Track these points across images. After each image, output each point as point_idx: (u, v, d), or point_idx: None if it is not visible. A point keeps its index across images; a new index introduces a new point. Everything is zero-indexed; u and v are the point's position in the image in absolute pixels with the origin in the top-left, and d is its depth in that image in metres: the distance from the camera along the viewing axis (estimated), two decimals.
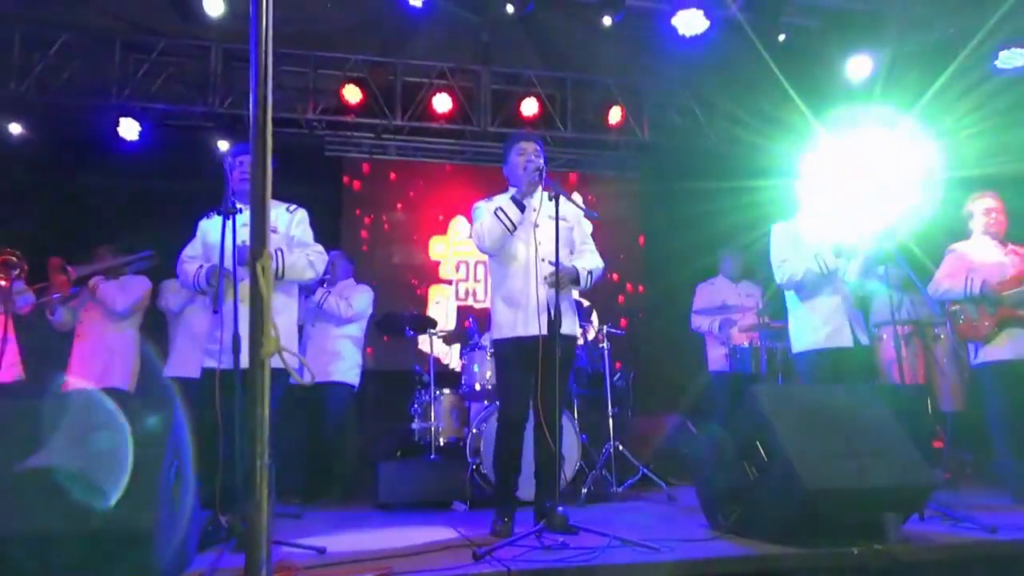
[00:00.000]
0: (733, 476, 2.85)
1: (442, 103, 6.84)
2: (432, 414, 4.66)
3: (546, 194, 3.39)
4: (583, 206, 3.39)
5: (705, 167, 7.73)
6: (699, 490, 3.16)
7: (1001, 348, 4.04)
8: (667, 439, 5.37)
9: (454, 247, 7.20)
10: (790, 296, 4.02)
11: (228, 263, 3.00)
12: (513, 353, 3.41)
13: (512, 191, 3.53)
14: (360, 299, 4.96)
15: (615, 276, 7.45)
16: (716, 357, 5.64)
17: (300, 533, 3.23)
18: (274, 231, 3.36)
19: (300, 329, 5.02)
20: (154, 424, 2.31)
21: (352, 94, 6.68)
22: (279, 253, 3.30)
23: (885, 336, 5.68)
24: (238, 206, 3.04)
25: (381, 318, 5.18)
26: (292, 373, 2.20)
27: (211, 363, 3.14)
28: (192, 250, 3.52)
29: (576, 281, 3.52)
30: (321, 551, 2.72)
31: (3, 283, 4.30)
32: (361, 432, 5.72)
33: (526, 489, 3.43)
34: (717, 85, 7.38)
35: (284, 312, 3.39)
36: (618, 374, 5.12)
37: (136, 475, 2.18)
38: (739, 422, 2.88)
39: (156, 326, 5.06)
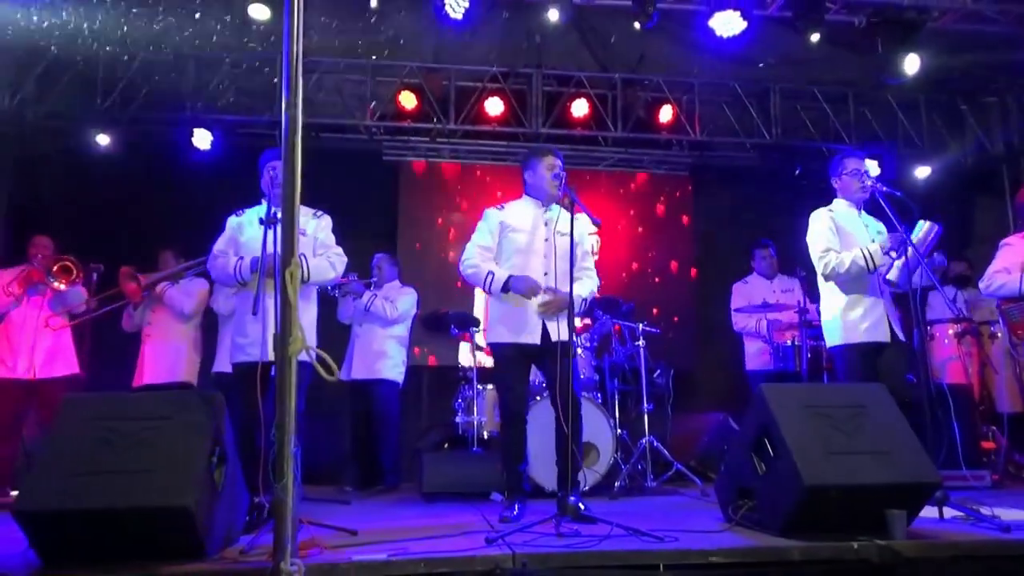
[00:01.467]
0: (744, 471, 2.95)
1: (494, 106, 7.04)
2: (475, 409, 4.87)
3: (559, 208, 3.59)
4: (589, 215, 3.55)
5: (758, 163, 7.71)
6: (717, 484, 3.26)
7: None
8: (708, 436, 5.42)
9: None
10: (829, 287, 3.92)
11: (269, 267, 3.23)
12: (510, 354, 3.63)
13: (524, 199, 3.71)
14: (404, 301, 5.23)
15: (673, 264, 7.49)
16: (753, 354, 5.66)
17: (343, 517, 3.48)
18: (302, 234, 3.60)
19: (348, 329, 5.33)
20: (198, 414, 2.58)
21: (408, 100, 6.95)
22: (303, 259, 3.52)
23: (938, 334, 5.59)
24: (278, 215, 3.28)
25: (427, 316, 5.43)
26: (317, 367, 2.47)
27: (242, 357, 3.41)
28: (222, 245, 3.70)
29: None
30: (353, 532, 2.95)
31: (62, 286, 4.74)
32: (411, 426, 5.99)
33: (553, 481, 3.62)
34: (769, 79, 7.35)
35: (306, 312, 3.58)
36: (658, 371, 5.21)
37: (181, 460, 2.46)
38: (750, 420, 2.97)
39: (209, 325, 5.43)
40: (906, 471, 2.69)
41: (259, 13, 5.51)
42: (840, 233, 3.84)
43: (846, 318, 3.80)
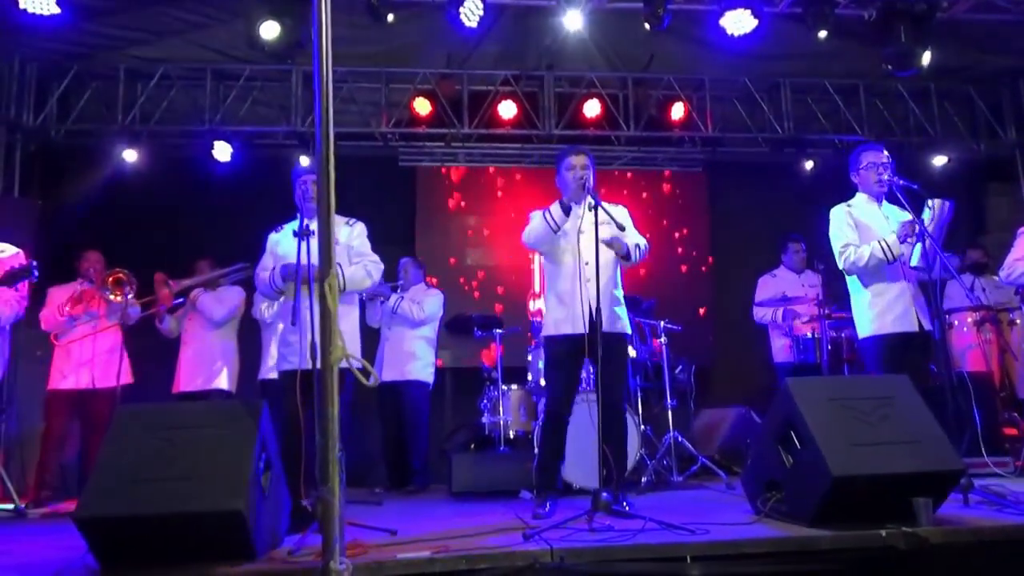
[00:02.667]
0: (772, 464, 3.03)
1: (507, 110, 7.13)
2: (501, 409, 4.97)
3: (596, 206, 3.64)
4: (624, 218, 3.64)
5: (771, 158, 7.76)
6: (744, 478, 3.34)
7: None
8: (731, 430, 5.49)
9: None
10: (853, 282, 4.00)
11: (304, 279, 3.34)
12: (561, 350, 3.69)
13: (561, 199, 3.79)
14: (431, 302, 5.33)
15: (690, 261, 7.56)
16: (779, 348, 5.72)
17: (378, 517, 3.58)
18: (336, 242, 3.69)
19: (377, 333, 5.44)
20: (244, 422, 2.69)
21: (422, 106, 7.06)
22: (339, 267, 3.62)
23: (957, 322, 5.63)
24: (311, 228, 3.38)
25: (451, 319, 5.53)
26: (357, 374, 2.56)
27: (285, 366, 3.53)
28: (265, 262, 3.82)
29: (627, 256, 3.72)
30: (393, 532, 3.05)
31: (118, 299, 4.87)
32: (437, 427, 6.09)
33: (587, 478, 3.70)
34: (780, 74, 7.40)
35: (346, 318, 3.66)
36: (680, 366, 5.28)
37: (231, 466, 2.56)
38: (775, 413, 3.04)
39: (251, 333, 5.55)
40: (931, 460, 2.76)
41: (268, 32, 5.57)
42: (859, 227, 3.91)
43: (873, 310, 3.86)
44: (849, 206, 4.03)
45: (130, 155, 6.77)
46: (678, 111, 7.26)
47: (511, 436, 5.00)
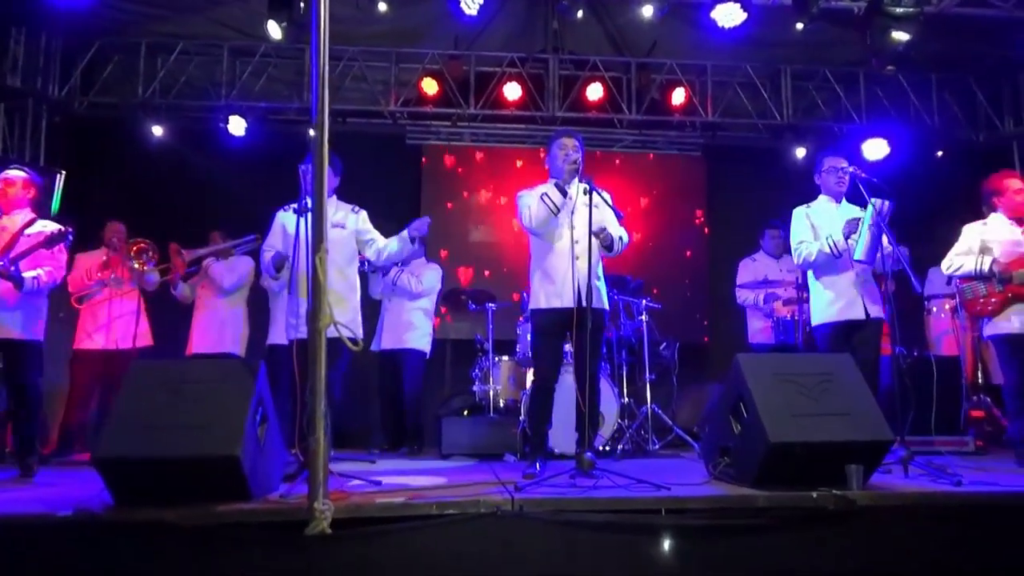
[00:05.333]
0: (724, 432, 3.31)
1: (512, 91, 7.33)
2: (491, 378, 5.28)
3: (582, 186, 3.90)
4: (610, 202, 3.90)
5: (770, 144, 7.93)
6: (702, 445, 3.63)
7: (1009, 322, 4.23)
8: (710, 404, 5.76)
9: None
10: (810, 275, 4.39)
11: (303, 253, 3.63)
12: (548, 322, 3.96)
13: (553, 181, 4.04)
14: (429, 276, 5.64)
15: (686, 243, 7.79)
16: (756, 330, 5.97)
17: (371, 474, 3.88)
18: (342, 227, 4.02)
19: (379, 304, 5.75)
20: (244, 379, 3.00)
21: (429, 86, 7.28)
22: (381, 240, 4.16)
23: (935, 308, 5.84)
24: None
25: (447, 292, 5.83)
26: (346, 342, 2.85)
27: (294, 335, 3.81)
28: (272, 240, 4.15)
29: (610, 247, 3.98)
30: (377, 483, 3.37)
31: (140, 266, 5.21)
32: (436, 395, 6.43)
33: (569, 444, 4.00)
34: (781, 61, 7.55)
35: (354, 291, 4.08)
36: (664, 343, 5.55)
37: (230, 417, 2.87)
38: (728, 387, 3.32)
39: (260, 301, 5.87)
40: (863, 430, 3.02)
41: (273, 32, 5.80)
42: (814, 227, 4.28)
43: (823, 300, 4.24)
44: (808, 207, 4.41)
45: (157, 130, 7.04)
46: (679, 96, 7.43)
47: (501, 404, 5.30)
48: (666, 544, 2.77)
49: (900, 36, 5.19)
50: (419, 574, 2.69)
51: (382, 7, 5.88)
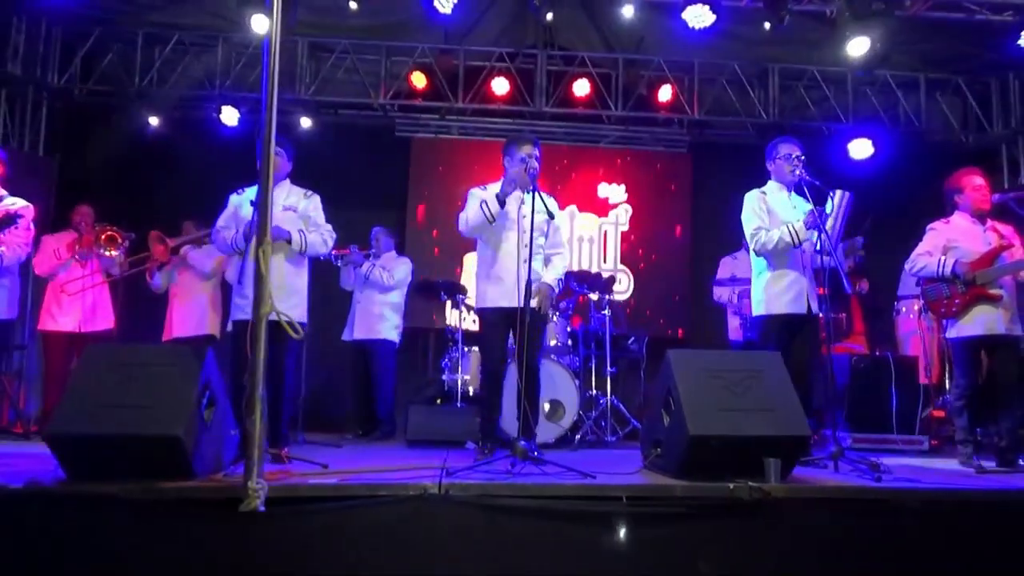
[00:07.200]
0: (657, 425, 3.42)
1: (500, 86, 7.44)
2: (460, 368, 5.42)
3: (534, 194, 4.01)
4: (555, 208, 4.07)
5: (757, 142, 7.96)
6: (641, 436, 3.74)
7: (971, 325, 4.21)
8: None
9: None
10: (758, 263, 4.30)
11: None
12: (494, 318, 4.12)
13: (495, 191, 4.16)
14: (400, 270, 5.81)
15: (671, 239, 7.87)
16: (735, 327, 6.05)
17: (331, 457, 4.00)
18: (293, 210, 4.12)
19: (351, 295, 5.90)
20: (192, 364, 3.15)
21: (418, 79, 7.40)
22: (303, 234, 4.06)
23: (904, 309, 5.90)
24: None
25: (419, 284, 5.98)
26: (287, 328, 2.99)
27: (240, 315, 3.95)
28: (224, 221, 4.20)
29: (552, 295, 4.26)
30: (324, 466, 3.52)
31: (112, 254, 5.40)
32: (412, 383, 6.60)
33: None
34: (768, 60, 7.59)
35: (298, 277, 4.13)
36: (632, 338, 5.66)
37: (176, 399, 3.03)
38: (660, 381, 3.43)
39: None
40: (782, 426, 3.13)
41: (258, 26, 5.93)
42: (770, 212, 4.22)
43: (771, 290, 4.18)
44: (763, 192, 4.33)
45: (153, 120, 7.23)
46: (666, 93, 7.50)
47: (470, 393, 5.44)
48: (584, 529, 2.90)
49: (860, 44, 5.25)
50: (346, 552, 2.84)
51: (353, 5, 5.96)
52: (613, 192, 7.86)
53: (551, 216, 3.96)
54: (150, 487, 2.87)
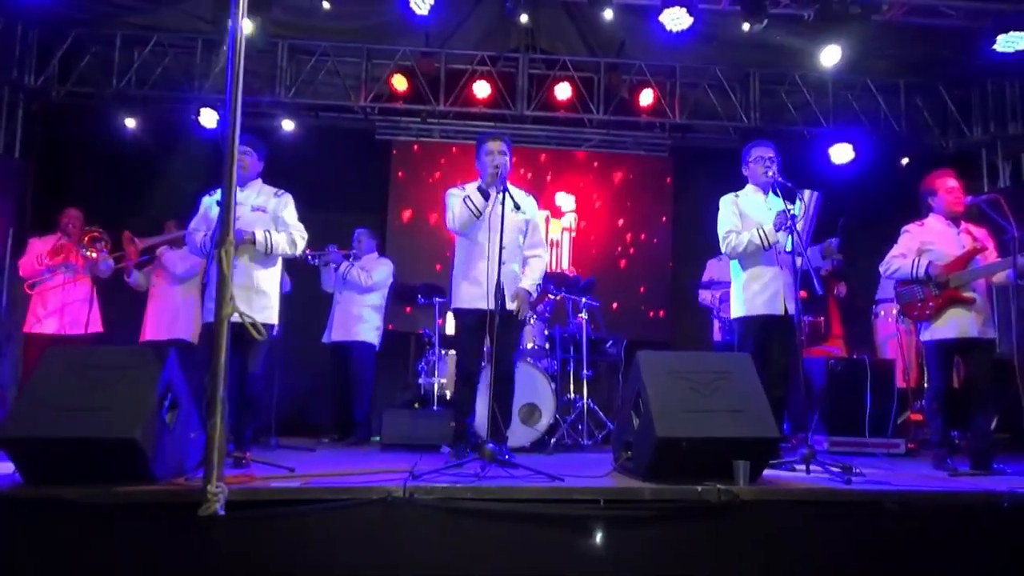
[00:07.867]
0: (627, 427, 3.39)
1: (481, 89, 7.42)
2: (436, 371, 5.38)
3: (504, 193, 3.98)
4: (531, 205, 4.05)
5: (739, 146, 7.96)
6: (612, 439, 3.71)
7: (945, 328, 4.20)
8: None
9: None
10: (734, 265, 4.34)
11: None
12: (469, 319, 4.07)
13: (477, 184, 4.13)
14: (380, 271, 5.76)
15: (652, 243, 7.86)
16: (718, 328, 6.03)
17: (302, 461, 3.96)
18: (263, 211, 4.05)
19: (331, 297, 5.85)
20: (153, 366, 3.10)
21: (399, 82, 7.37)
22: (268, 234, 3.99)
23: (883, 312, 5.90)
24: (237, 198, 3.74)
25: (398, 287, 5.94)
26: (250, 330, 2.95)
27: (209, 318, 3.88)
28: (196, 223, 4.14)
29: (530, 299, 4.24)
30: (291, 469, 3.46)
31: (94, 255, 5.33)
32: (392, 386, 6.55)
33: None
34: (750, 64, 7.60)
35: (268, 279, 4.04)
36: (610, 341, 5.63)
37: (134, 402, 2.97)
38: (630, 384, 3.40)
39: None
40: (750, 428, 3.10)
41: (247, 28, 5.86)
42: (743, 216, 4.24)
43: (746, 292, 4.21)
44: (737, 196, 4.35)
45: (130, 122, 7.15)
46: (647, 97, 7.49)
47: (447, 397, 5.40)
48: (551, 532, 2.86)
49: (832, 54, 5.28)
50: (307, 555, 2.79)
51: (325, 5, 5.93)
52: (593, 195, 7.85)
53: (517, 207, 3.89)
54: (108, 491, 2.81)
